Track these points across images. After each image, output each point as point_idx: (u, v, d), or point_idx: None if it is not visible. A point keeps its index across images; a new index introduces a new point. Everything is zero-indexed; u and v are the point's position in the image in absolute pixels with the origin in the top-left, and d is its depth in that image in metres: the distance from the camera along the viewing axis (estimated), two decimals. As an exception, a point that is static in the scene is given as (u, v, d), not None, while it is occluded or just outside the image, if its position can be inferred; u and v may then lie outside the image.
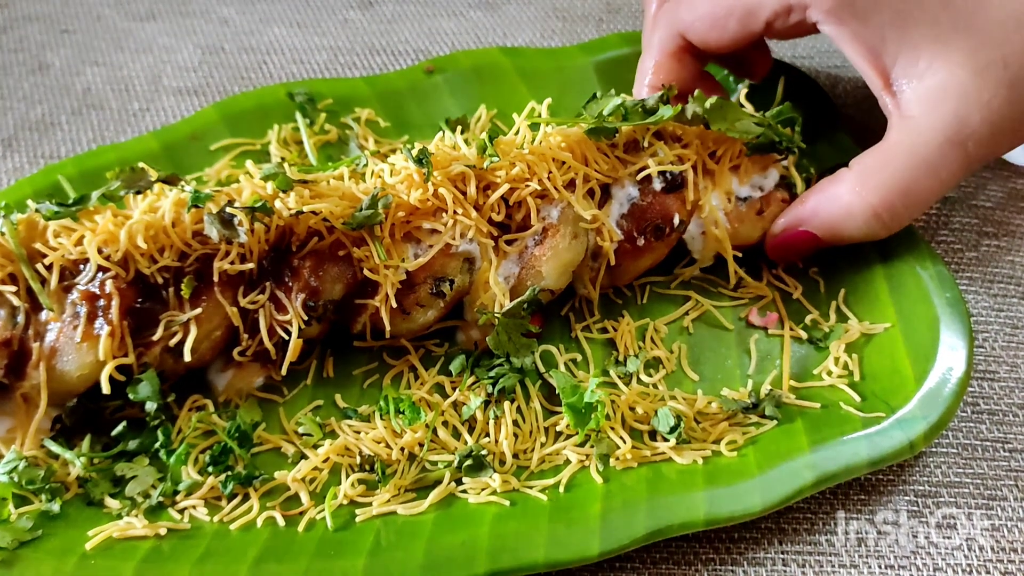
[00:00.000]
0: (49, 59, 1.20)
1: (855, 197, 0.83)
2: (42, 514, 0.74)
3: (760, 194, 0.89)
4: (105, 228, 0.76)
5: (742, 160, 0.88)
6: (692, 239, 0.88)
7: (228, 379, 0.82)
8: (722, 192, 0.87)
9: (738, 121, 0.86)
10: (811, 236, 0.87)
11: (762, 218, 0.89)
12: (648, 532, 0.71)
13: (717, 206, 0.87)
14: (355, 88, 1.08)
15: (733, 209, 0.87)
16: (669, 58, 0.95)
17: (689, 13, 0.92)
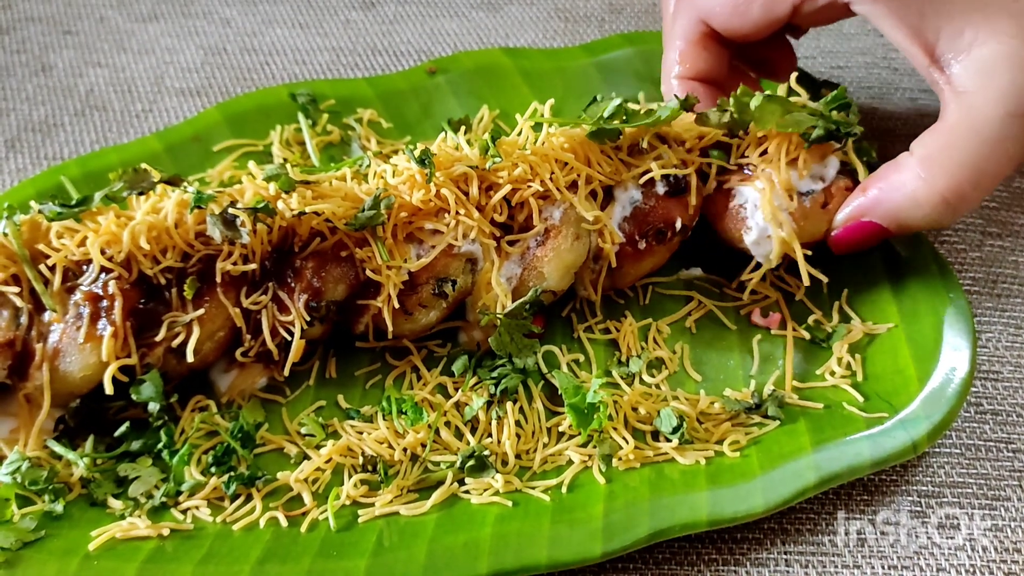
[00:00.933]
0: (52, 60, 1.20)
1: (920, 184, 0.79)
2: (45, 515, 0.74)
3: (822, 185, 0.84)
4: (108, 229, 0.76)
5: (799, 152, 0.83)
6: (757, 244, 0.83)
7: (231, 380, 0.82)
8: (782, 189, 0.82)
9: (789, 114, 0.82)
10: (876, 227, 0.83)
11: (827, 211, 0.84)
12: (651, 533, 0.71)
13: (780, 205, 0.82)
14: (357, 89, 1.08)
15: (797, 206, 0.83)
16: (694, 47, 0.90)
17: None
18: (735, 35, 0.89)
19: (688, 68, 0.90)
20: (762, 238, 0.82)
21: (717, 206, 0.85)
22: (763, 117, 0.81)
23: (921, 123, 1.11)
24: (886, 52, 1.22)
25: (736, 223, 0.83)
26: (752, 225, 0.82)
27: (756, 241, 0.82)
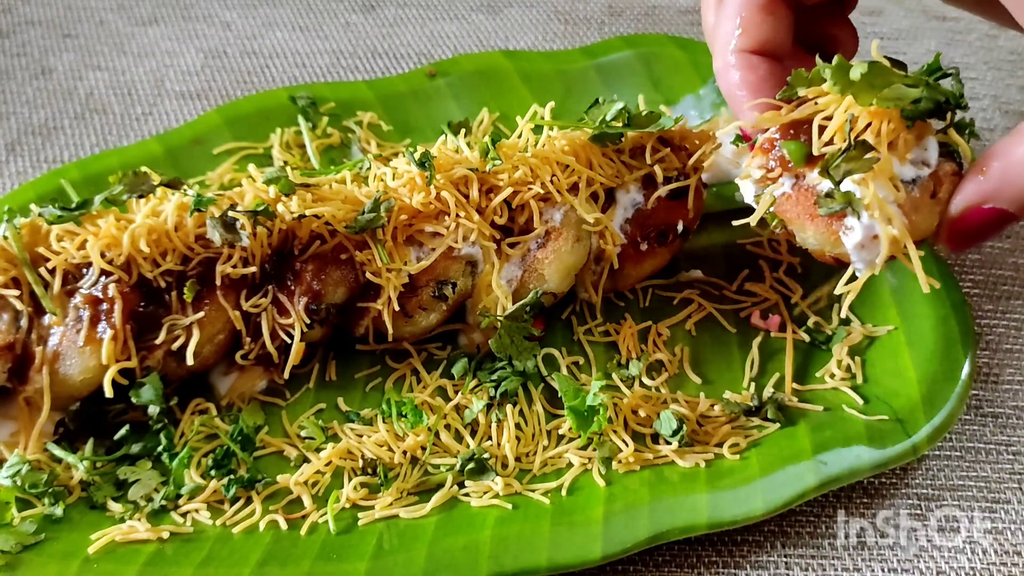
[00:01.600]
0: (52, 64, 1.20)
1: None
2: (45, 518, 0.74)
3: (927, 171, 0.69)
4: (108, 232, 0.76)
5: (899, 134, 0.68)
6: (861, 248, 0.67)
7: (231, 382, 0.82)
8: (885, 179, 0.66)
9: (888, 87, 0.66)
10: (1004, 213, 0.68)
11: (938, 201, 0.69)
12: (650, 535, 0.71)
13: (887, 198, 0.66)
14: (357, 92, 1.08)
15: (906, 197, 0.67)
16: (760, 11, 0.74)
17: None
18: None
19: (752, 38, 0.74)
20: (868, 240, 0.66)
21: (799, 206, 0.69)
22: (864, 91, 0.66)
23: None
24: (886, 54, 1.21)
25: (830, 224, 0.68)
26: (854, 224, 0.65)
27: (860, 244, 0.66)
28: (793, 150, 0.67)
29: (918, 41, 1.24)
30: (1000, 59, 1.21)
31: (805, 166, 0.67)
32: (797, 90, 0.69)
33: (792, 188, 0.68)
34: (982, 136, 1.11)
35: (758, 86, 0.73)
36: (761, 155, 0.68)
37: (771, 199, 0.68)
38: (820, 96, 0.68)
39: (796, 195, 0.69)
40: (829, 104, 0.67)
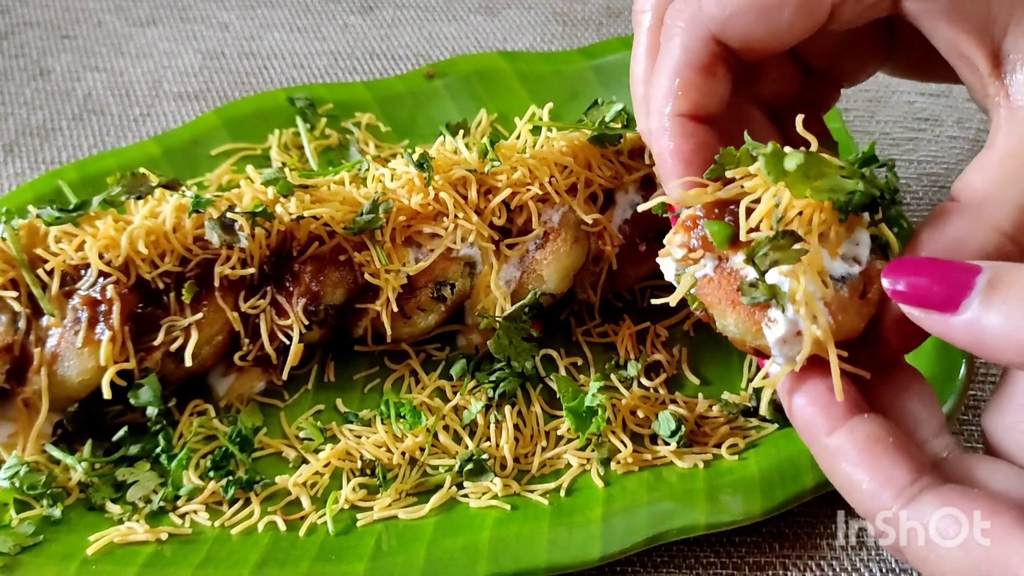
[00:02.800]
0: (50, 65, 1.20)
1: (986, 234, 0.59)
2: (43, 519, 0.74)
3: (858, 269, 0.61)
4: (106, 233, 0.76)
5: (830, 227, 0.61)
6: (783, 343, 0.58)
7: (229, 384, 0.82)
8: (815, 274, 0.58)
9: (823, 178, 0.60)
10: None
11: (867, 302, 0.62)
12: (649, 536, 0.71)
13: (814, 293, 0.58)
14: (356, 93, 1.08)
15: (833, 295, 0.59)
16: (699, 73, 0.65)
17: (719, 6, 0.64)
18: (758, 52, 0.66)
19: (690, 102, 0.66)
20: (790, 335, 0.59)
21: (721, 290, 0.62)
22: (798, 181, 0.60)
23: (918, 127, 1.12)
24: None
25: (752, 314, 0.61)
26: (777, 318, 0.58)
27: (783, 339, 0.59)
28: (716, 231, 0.61)
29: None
30: (997, 60, 1.22)
31: (729, 249, 0.61)
32: (725, 169, 0.63)
33: (714, 271, 0.61)
34: (979, 139, 1.11)
35: (691, 156, 0.66)
36: (683, 232, 0.62)
37: (692, 280, 0.62)
38: (748, 178, 0.62)
39: (718, 279, 0.62)
40: (756, 187, 0.61)
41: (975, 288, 0.49)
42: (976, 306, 0.48)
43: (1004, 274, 0.48)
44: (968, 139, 1.11)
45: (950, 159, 1.08)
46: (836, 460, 0.55)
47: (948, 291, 0.50)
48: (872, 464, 0.53)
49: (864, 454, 0.54)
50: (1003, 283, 0.48)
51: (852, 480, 0.54)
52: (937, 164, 1.08)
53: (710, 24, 0.65)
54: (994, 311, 0.48)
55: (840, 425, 0.55)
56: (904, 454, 0.53)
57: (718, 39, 0.65)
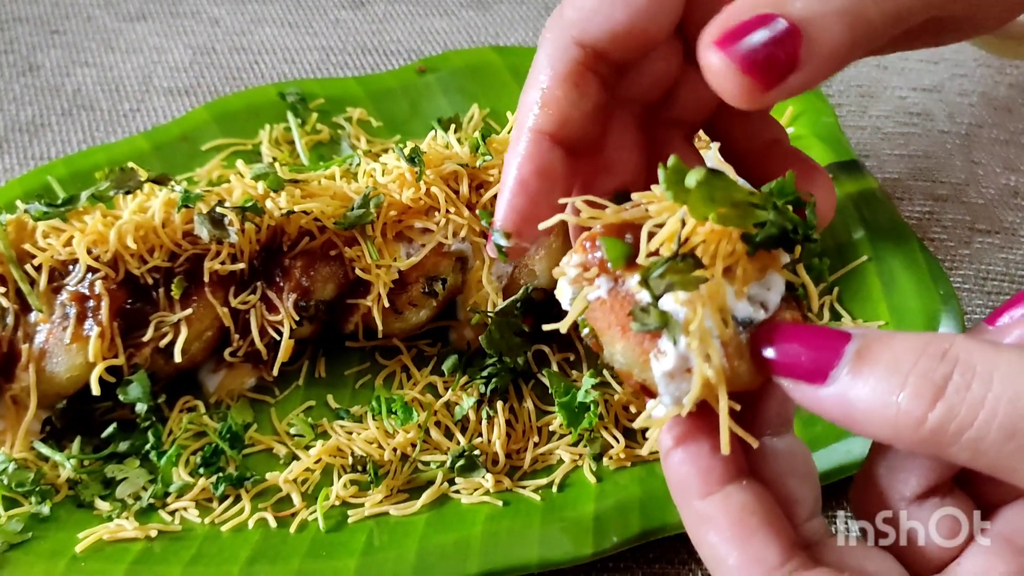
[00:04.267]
0: (39, 60, 1.19)
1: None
2: (32, 516, 0.73)
3: (763, 315, 0.53)
4: (94, 228, 0.76)
5: (737, 259, 0.54)
6: (669, 378, 0.50)
7: (219, 380, 0.82)
8: (714, 307, 0.51)
9: (729, 202, 0.53)
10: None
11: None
12: (642, 531, 0.71)
13: (711, 329, 0.51)
14: (347, 88, 1.07)
15: (732, 336, 0.51)
16: (561, 85, 0.58)
17: (575, 8, 0.57)
18: (631, 45, 0.57)
19: (550, 117, 0.58)
20: (679, 371, 0.51)
21: (613, 315, 0.54)
22: (700, 202, 0.53)
23: (909, 122, 1.12)
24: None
25: (641, 343, 0.53)
26: (667, 349, 0.51)
27: (671, 373, 0.51)
28: (611, 248, 0.54)
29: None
30: (990, 56, 1.22)
31: (625, 270, 0.54)
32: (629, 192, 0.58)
33: (608, 293, 0.54)
34: (971, 133, 1.11)
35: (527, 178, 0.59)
36: (581, 252, 0.55)
37: (584, 303, 0.54)
38: (652, 202, 0.56)
39: (611, 302, 0.54)
40: (662, 212, 0.55)
41: (844, 358, 0.44)
42: (844, 377, 0.44)
43: (873, 342, 0.44)
44: (959, 134, 1.11)
45: (941, 154, 1.08)
46: (705, 528, 0.49)
47: (817, 360, 0.45)
48: (743, 539, 0.48)
49: (736, 527, 0.48)
50: (872, 352, 0.44)
51: (719, 553, 0.48)
52: (928, 159, 1.08)
53: (570, 29, 0.58)
54: (861, 382, 0.43)
55: (716, 490, 0.49)
56: (778, 532, 0.48)
57: (581, 43, 0.58)
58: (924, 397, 0.41)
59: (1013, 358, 0.40)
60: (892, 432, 0.42)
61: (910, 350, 0.42)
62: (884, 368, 0.42)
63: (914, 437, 0.41)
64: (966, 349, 0.41)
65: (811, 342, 0.46)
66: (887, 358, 0.43)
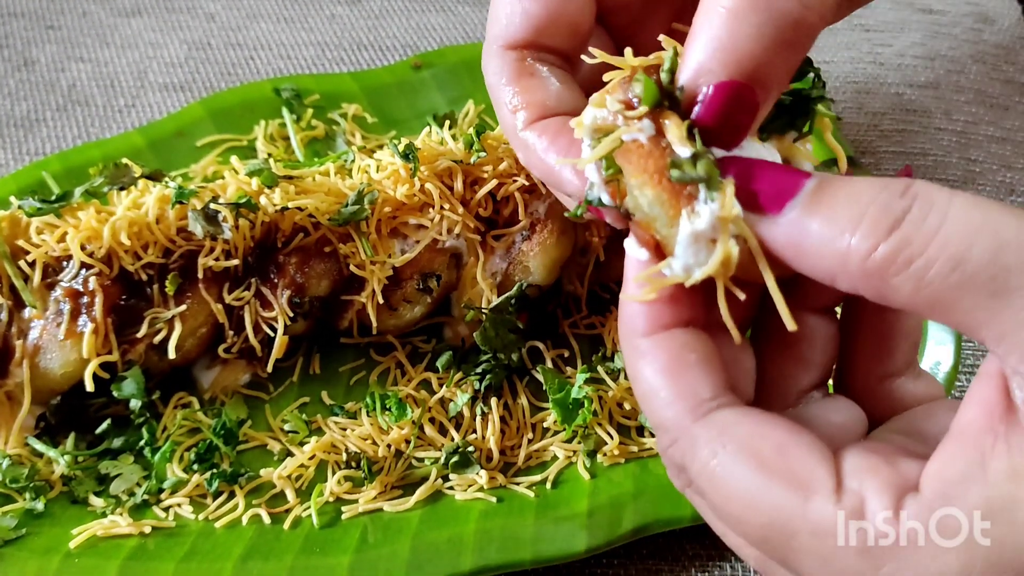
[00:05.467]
0: (34, 55, 1.19)
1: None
2: (26, 512, 0.73)
3: None
4: (88, 225, 0.75)
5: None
6: (694, 242, 0.47)
7: (214, 376, 0.82)
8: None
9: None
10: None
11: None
12: (635, 528, 0.71)
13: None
14: (342, 84, 1.07)
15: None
16: (518, 79, 0.61)
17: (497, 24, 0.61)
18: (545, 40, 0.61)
19: (531, 110, 0.60)
20: (706, 238, 0.47)
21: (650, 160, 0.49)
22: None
23: (905, 118, 1.12)
24: (871, 47, 1.22)
25: (677, 194, 0.48)
26: (703, 211, 0.47)
27: (697, 236, 0.47)
28: (649, 89, 0.50)
29: (904, 34, 1.24)
30: (985, 52, 1.22)
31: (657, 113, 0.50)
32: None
33: (648, 139, 0.50)
34: (966, 131, 1.11)
35: (567, 148, 0.58)
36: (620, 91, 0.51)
37: (618, 141, 0.50)
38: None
39: (651, 147, 0.50)
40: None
41: (802, 190, 0.44)
42: (799, 207, 0.44)
43: (832, 182, 0.44)
44: (955, 131, 1.11)
45: (938, 151, 1.08)
46: (643, 363, 0.49)
47: (775, 188, 0.45)
48: (677, 373, 0.48)
49: (672, 363, 0.48)
50: (831, 186, 0.44)
51: (652, 386, 0.48)
52: (926, 157, 1.08)
53: (496, 41, 0.62)
54: (818, 215, 0.43)
55: (659, 331, 0.49)
56: (713, 371, 0.48)
57: (510, 46, 0.61)
58: (880, 227, 0.41)
59: (969, 196, 0.41)
60: (839, 264, 0.42)
61: (870, 186, 0.42)
62: (843, 201, 0.43)
63: (861, 267, 0.42)
64: (926, 187, 0.42)
65: (772, 174, 0.45)
66: (846, 192, 0.43)
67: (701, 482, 0.46)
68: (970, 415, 0.43)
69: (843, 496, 0.42)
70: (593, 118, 0.51)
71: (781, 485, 0.43)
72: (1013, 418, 0.42)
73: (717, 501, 0.46)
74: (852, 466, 0.44)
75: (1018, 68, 1.20)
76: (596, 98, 0.51)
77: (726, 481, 0.45)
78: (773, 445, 0.44)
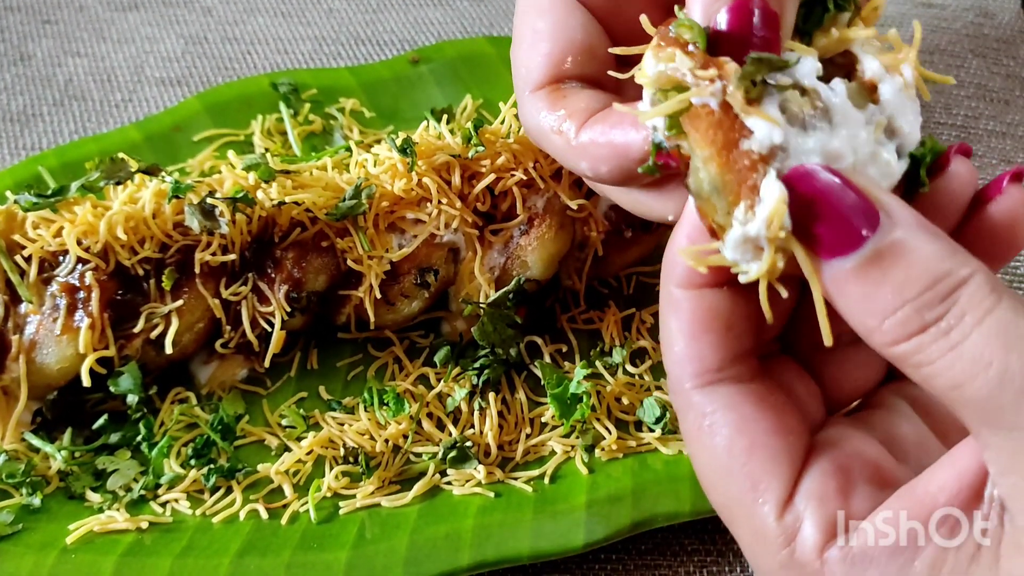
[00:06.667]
0: (31, 50, 1.19)
1: None
2: (23, 508, 0.73)
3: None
4: (84, 219, 0.75)
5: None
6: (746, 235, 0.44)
7: (211, 371, 0.82)
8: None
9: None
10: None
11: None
12: (633, 522, 0.71)
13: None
14: (340, 78, 1.07)
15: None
16: (555, 105, 0.61)
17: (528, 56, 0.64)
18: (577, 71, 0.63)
19: (577, 117, 0.60)
20: (752, 241, 0.44)
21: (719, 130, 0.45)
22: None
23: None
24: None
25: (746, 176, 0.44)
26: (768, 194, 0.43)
27: (744, 239, 0.45)
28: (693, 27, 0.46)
29: (904, 27, 1.23)
30: (986, 47, 1.21)
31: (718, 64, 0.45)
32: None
33: (718, 105, 0.44)
34: (967, 125, 1.11)
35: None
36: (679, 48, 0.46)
37: (685, 102, 0.45)
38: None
39: (720, 116, 0.45)
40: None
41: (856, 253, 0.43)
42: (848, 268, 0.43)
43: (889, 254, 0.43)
44: (956, 125, 1.11)
45: (937, 145, 1.08)
46: (671, 312, 0.50)
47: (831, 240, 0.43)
48: (695, 334, 0.49)
49: (695, 322, 0.49)
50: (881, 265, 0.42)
51: (671, 338, 0.50)
52: (924, 150, 1.07)
53: (525, 90, 0.64)
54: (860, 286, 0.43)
55: (693, 287, 0.49)
56: (730, 339, 0.49)
57: (538, 87, 0.63)
58: (907, 328, 0.42)
59: (1006, 314, 0.41)
60: (864, 332, 0.43)
61: (921, 278, 0.42)
62: (888, 284, 0.42)
63: (880, 347, 0.43)
64: (971, 294, 0.41)
65: (834, 221, 0.43)
66: (894, 274, 0.42)
67: (685, 439, 0.51)
68: (936, 484, 0.45)
69: (787, 513, 0.46)
70: (657, 70, 0.47)
71: (739, 481, 0.47)
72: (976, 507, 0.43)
73: (693, 461, 0.50)
74: (808, 486, 0.46)
75: (1019, 62, 1.20)
76: (656, 51, 0.47)
77: (700, 453, 0.49)
78: (747, 442, 0.47)
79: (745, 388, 0.49)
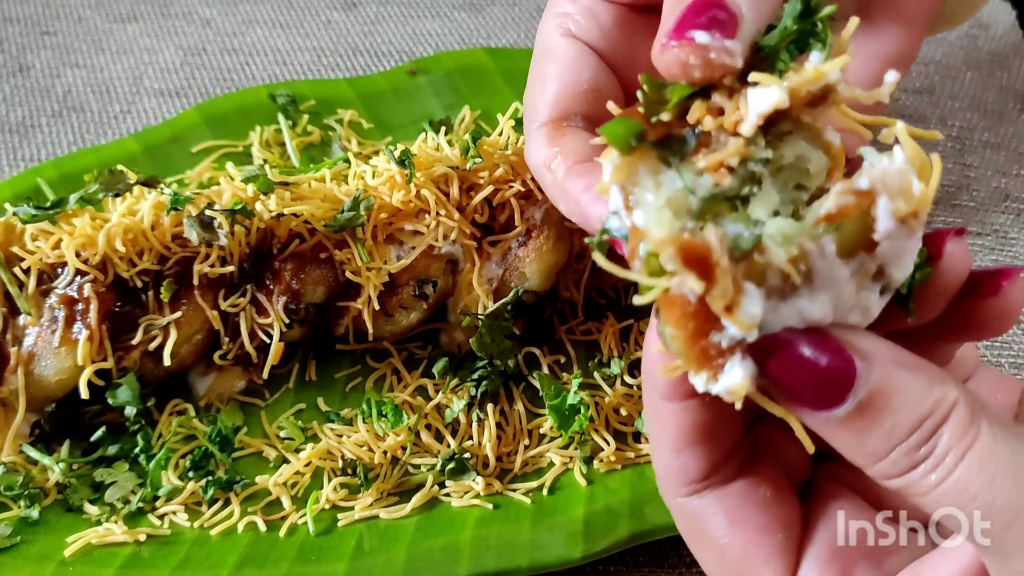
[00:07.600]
0: (29, 61, 1.19)
1: None
2: (21, 520, 0.73)
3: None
4: (83, 231, 0.75)
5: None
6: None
7: (209, 383, 0.82)
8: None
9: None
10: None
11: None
12: (632, 534, 0.71)
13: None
14: (338, 89, 1.07)
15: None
16: (553, 142, 0.65)
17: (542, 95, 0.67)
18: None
19: (568, 158, 0.64)
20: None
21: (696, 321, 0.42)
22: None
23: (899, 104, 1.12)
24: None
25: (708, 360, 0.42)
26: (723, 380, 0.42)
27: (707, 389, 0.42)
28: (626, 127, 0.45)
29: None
30: (980, 59, 1.22)
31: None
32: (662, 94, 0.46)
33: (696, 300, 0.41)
34: (961, 136, 1.11)
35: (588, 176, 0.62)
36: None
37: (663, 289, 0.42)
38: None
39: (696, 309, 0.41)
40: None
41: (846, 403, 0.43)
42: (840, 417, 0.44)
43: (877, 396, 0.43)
44: (951, 137, 1.11)
45: (933, 156, 1.09)
46: (655, 421, 0.50)
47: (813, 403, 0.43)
48: (677, 450, 0.50)
49: (677, 438, 0.49)
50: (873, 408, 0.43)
51: (657, 443, 0.51)
52: (920, 161, 1.08)
53: (531, 124, 0.67)
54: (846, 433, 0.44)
55: (676, 399, 0.48)
56: (717, 446, 0.49)
57: (543, 124, 0.66)
58: (897, 468, 0.44)
59: (985, 446, 0.42)
60: (859, 463, 0.45)
61: (906, 423, 0.42)
62: (877, 433, 0.43)
63: (875, 477, 0.45)
64: (953, 427, 0.42)
65: (812, 391, 0.43)
66: (886, 425, 0.43)
67: (683, 537, 0.54)
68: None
69: None
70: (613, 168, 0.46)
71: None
72: None
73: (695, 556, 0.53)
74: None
75: (1013, 75, 1.20)
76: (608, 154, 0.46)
77: (698, 553, 0.52)
78: (740, 546, 0.50)
79: (731, 491, 0.50)
